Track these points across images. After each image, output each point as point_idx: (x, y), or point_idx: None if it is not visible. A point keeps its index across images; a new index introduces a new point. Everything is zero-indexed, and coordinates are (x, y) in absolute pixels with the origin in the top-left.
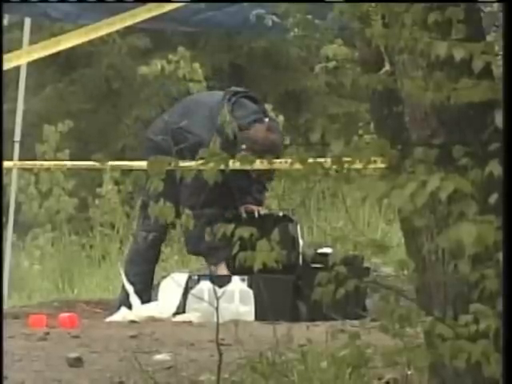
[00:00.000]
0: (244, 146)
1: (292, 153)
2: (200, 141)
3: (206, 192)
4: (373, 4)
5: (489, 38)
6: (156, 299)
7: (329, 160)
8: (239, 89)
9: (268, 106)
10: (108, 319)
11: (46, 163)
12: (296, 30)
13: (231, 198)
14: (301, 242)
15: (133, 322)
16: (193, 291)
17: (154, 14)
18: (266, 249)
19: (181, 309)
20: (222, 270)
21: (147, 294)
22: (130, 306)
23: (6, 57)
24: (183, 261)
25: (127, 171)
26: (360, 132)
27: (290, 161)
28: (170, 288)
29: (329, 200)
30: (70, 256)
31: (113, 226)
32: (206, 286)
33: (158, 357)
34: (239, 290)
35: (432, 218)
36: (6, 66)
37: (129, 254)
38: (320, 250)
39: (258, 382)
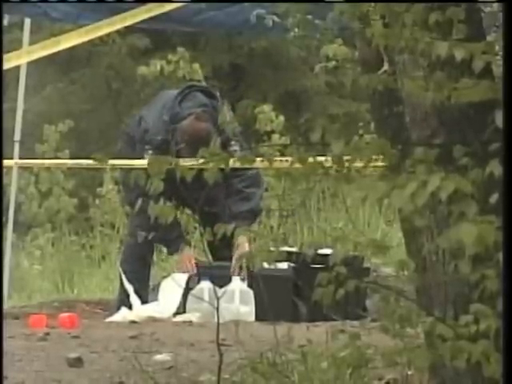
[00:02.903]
0: (179, 139)
1: (292, 153)
2: (146, 128)
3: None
4: (373, 4)
5: (489, 38)
6: (156, 299)
7: (329, 159)
8: (200, 84)
9: (268, 106)
10: (108, 319)
11: (46, 162)
12: (296, 29)
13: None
14: None
15: (133, 322)
16: (193, 291)
17: (154, 13)
18: (266, 248)
19: (181, 309)
20: (186, 256)
21: (145, 292)
22: (130, 306)
23: (6, 57)
24: None
25: (127, 171)
26: (360, 132)
27: (290, 161)
28: (170, 288)
29: (329, 200)
30: (69, 256)
31: (113, 226)
32: (206, 285)
33: (158, 357)
34: (239, 290)
35: (432, 218)
36: (6, 65)
37: (125, 254)
38: (320, 251)
39: (258, 382)
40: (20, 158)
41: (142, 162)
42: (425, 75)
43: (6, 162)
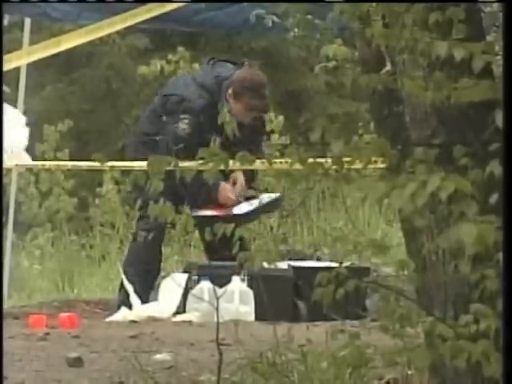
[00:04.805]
0: (230, 91)
1: (292, 153)
2: (182, 97)
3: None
4: (373, 4)
5: (489, 38)
6: (156, 299)
7: (329, 160)
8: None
9: None
10: (108, 319)
11: (46, 163)
12: (296, 30)
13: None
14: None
15: (133, 321)
16: (193, 291)
17: (154, 14)
18: (266, 248)
19: (181, 309)
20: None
21: (146, 294)
22: (130, 306)
23: (6, 57)
24: (183, 261)
25: (127, 171)
26: (360, 132)
27: (290, 161)
28: (170, 288)
29: (329, 200)
30: (69, 256)
31: (113, 226)
32: (205, 285)
33: (158, 357)
34: (239, 289)
35: (432, 218)
36: (7, 66)
37: (127, 254)
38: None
39: (258, 382)
40: None
41: (142, 164)
42: (425, 75)
43: (5, 165)
